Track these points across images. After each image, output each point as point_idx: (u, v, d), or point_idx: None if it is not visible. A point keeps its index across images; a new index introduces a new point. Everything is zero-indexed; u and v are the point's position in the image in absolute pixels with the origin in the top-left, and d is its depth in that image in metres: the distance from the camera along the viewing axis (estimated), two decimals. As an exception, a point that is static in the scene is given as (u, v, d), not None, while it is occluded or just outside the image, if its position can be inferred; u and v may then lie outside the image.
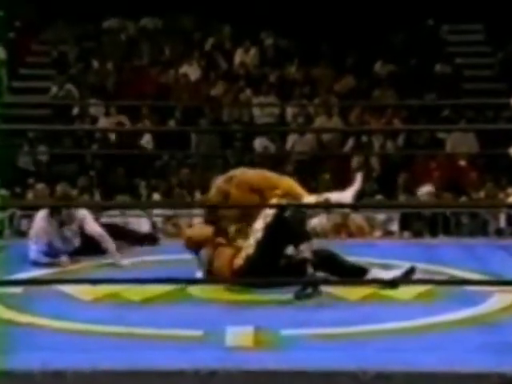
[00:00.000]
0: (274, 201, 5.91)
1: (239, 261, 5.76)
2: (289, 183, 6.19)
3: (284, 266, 5.70)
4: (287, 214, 5.64)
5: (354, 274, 5.71)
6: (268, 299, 5.45)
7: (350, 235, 10.17)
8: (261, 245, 5.71)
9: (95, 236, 6.83)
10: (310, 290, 5.40)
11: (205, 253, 5.99)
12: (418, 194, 10.98)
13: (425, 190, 10.96)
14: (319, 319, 4.98)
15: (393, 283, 5.53)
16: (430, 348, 4.35)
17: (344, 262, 5.80)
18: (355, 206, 6.45)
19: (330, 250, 5.90)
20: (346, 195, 6.24)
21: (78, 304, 5.36)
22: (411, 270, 5.69)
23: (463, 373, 3.97)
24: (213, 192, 6.21)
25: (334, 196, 6.26)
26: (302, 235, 5.68)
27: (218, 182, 6.21)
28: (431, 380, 3.96)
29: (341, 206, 6.45)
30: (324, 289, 5.54)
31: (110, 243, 6.81)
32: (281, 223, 5.65)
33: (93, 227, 6.87)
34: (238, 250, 5.83)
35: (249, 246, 5.76)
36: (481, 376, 3.94)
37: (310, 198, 6.05)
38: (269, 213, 5.73)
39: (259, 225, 5.75)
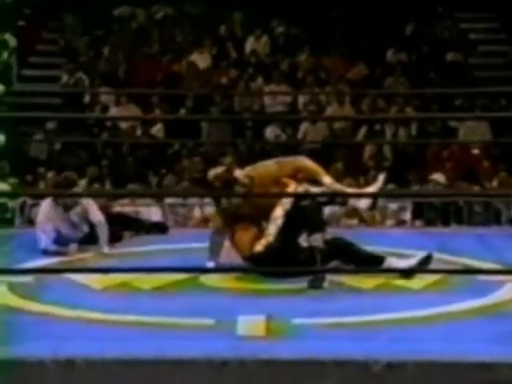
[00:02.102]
0: (291, 189, 5.91)
1: (259, 247, 5.77)
2: (305, 163, 6.14)
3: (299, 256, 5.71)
4: (304, 202, 5.67)
5: (370, 263, 5.71)
6: (279, 288, 5.46)
7: (362, 221, 10.20)
8: (281, 233, 5.74)
9: (95, 223, 6.82)
10: (318, 280, 5.41)
11: (218, 237, 6.03)
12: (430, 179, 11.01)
13: (432, 177, 10.98)
14: (331, 308, 4.99)
15: (406, 272, 5.53)
16: (442, 337, 4.36)
17: (360, 251, 5.81)
18: (368, 194, 6.44)
19: (345, 238, 5.90)
20: (365, 192, 6.25)
21: (89, 293, 5.38)
22: (427, 259, 5.68)
23: (474, 362, 3.98)
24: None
25: (353, 190, 6.27)
26: (317, 224, 5.71)
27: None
28: (442, 369, 3.97)
29: (352, 195, 6.44)
30: (337, 278, 5.57)
31: (104, 233, 6.79)
32: (298, 211, 5.68)
33: (95, 214, 6.87)
34: (261, 232, 5.84)
35: (269, 234, 5.78)
36: (492, 366, 3.95)
37: (327, 179, 6.03)
38: (286, 200, 5.75)
39: (278, 212, 5.76)
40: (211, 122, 13.00)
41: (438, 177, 10.96)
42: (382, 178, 6.28)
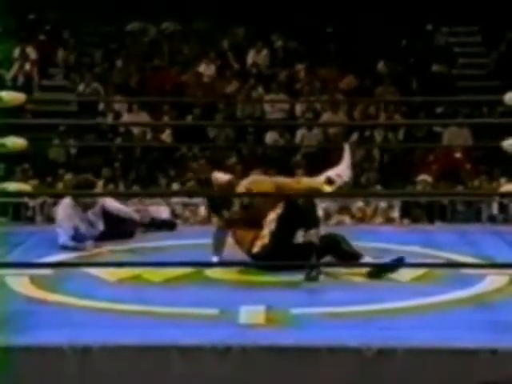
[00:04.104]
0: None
1: (256, 248, 5.78)
2: (302, 186, 6.11)
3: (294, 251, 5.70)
4: (300, 201, 5.68)
5: (349, 259, 5.67)
6: (279, 281, 5.44)
7: (353, 217, 10.20)
8: (275, 235, 5.74)
9: (115, 211, 6.81)
10: (314, 273, 5.40)
11: (221, 235, 6.02)
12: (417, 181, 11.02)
13: (420, 178, 10.99)
14: (326, 299, 4.98)
15: (392, 267, 5.49)
16: (428, 326, 4.35)
17: (343, 249, 5.75)
18: (360, 194, 6.43)
19: (337, 235, 5.86)
20: (342, 168, 6.19)
21: (104, 284, 5.36)
22: (400, 260, 5.58)
23: (459, 348, 3.97)
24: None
25: (333, 172, 6.19)
26: (312, 221, 5.70)
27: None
28: (429, 355, 3.96)
29: (348, 195, 6.42)
30: (332, 271, 5.56)
31: (130, 214, 6.83)
32: (294, 210, 5.67)
33: (113, 204, 6.86)
34: (260, 231, 5.84)
35: (264, 235, 5.78)
36: (475, 351, 3.94)
37: (327, 188, 6.02)
38: (280, 205, 5.76)
39: (271, 216, 5.77)
40: (216, 128, 13.01)
41: (426, 177, 10.98)
42: (347, 149, 6.28)
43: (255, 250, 5.78)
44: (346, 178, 6.15)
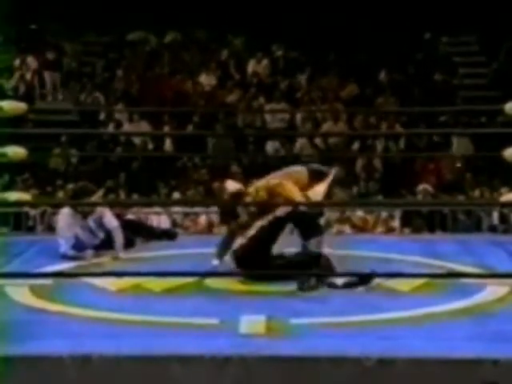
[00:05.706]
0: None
1: (236, 245, 5.83)
2: (289, 193, 6.08)
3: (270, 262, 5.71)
4: (304, 209, 5.68)
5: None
6: (279, 290, 5.44)
7: (354, 227, 10.19)
8: (254, 240, 5.74)
9: (110, 228, 6.80)
10: (313, 282, 5.39)
11: (228, 239, 6.04)
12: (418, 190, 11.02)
13: (421, 187, 11.00)
14: (326, 309, 4.97)
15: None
16: (428, 336, 4.34)
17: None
18: (361, 203, 6.43)
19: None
20: (319, 189, 6.15)
21: (104, 294, 5.36)
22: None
23: (459, 359, 3.97)
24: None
25: (312, 193, 6.15)
26: (315, 230, 5.70)
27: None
28: (429, 365, 3.95)
29: (349, 205, 6.43)
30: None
31: (119, 238, 6.78)
32: (298, 218, 5.67)
33: (110, 220, 6.85)
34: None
35: (246, 236, 5.79)
36: (475, 362, 3.94)
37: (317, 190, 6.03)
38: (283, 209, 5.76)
39: (260, 223, 5.76)
40: (216, 138, 13.02)
41: (427, 187, 10.98)
42: (332, 173, 6.28)
43: (234, 246, 5.80)
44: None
